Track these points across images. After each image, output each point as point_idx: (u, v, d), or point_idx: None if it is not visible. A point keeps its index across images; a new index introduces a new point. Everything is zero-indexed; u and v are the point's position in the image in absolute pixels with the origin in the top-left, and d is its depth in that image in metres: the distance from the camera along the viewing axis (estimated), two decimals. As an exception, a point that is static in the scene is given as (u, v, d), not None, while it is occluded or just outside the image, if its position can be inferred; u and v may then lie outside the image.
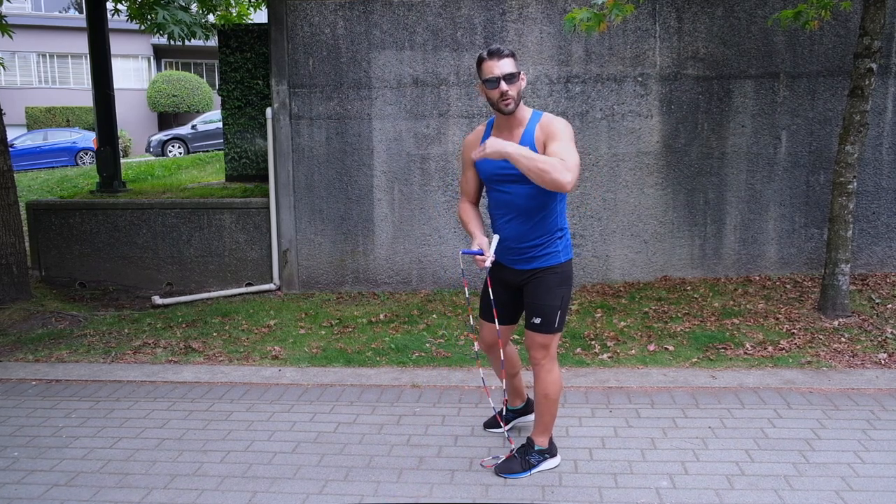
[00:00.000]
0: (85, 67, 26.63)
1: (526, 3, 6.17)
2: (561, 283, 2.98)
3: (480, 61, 2.88)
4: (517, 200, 2.92)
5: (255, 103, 7.93)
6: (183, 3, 5.78)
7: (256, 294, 6.56)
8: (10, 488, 3.10)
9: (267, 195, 6.71)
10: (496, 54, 2.84)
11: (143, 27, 6.11)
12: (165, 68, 27.50)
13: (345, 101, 6.35)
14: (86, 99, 25.57)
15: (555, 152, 2.72)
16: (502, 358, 3.23)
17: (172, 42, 5.34)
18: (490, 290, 3.13)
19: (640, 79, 6.20)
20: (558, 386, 3.05)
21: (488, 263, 2.82)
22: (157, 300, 6.37)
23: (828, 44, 6.12)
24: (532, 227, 2.94)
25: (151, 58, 27.22)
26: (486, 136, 3.01)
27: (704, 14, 6.13)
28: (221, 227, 6.74)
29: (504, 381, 3.44)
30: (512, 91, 2.83)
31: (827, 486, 2.94)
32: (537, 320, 2.98)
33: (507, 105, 2.85)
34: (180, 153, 19.32)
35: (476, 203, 3.17)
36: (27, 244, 6.65)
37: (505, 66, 2.82)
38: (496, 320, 3.13)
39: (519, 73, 2.86)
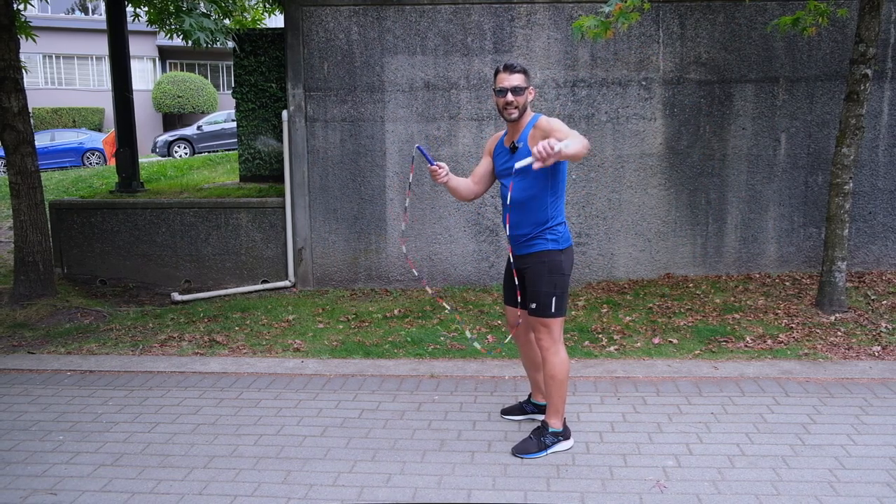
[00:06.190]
0: (90, 68, 26.87)
1: (534, 10, 6.39)
2: (552, 270, 3.26)
3: (497, 72, 3.29)
4: (513, 192, 3.28)
5: (269, 106, 8.15)
6: (204, 10, 6.00)
7: (272, 291, 6.79)
8: (60, 468, 3.32)
9: (282, 195, 6.93)
10: (509, 69, 3.24)
11: (165, 32, 6.33)
12: (170, 69, 27.70)
13: (358, 104, 6.57)
14: (91, 100, 25.81)
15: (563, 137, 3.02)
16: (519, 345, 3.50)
17: (197, 47, 5.56)
18: (515, 276, 3.40)
19: (644, 83, 6.42)
20: (564, 368, 3.29)
21: (438, 169, 3.27)
22: (177, 296, 6.59)
23: (825, 49, 6.34)
24: (525, 217, 3.29)
25: (156, 59, 27.43)
26: (504, 137, 3.42)
27: (706, 20, 6.35)
28: (238, 226, 6.96)
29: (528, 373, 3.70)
30: (517, 101, 3.21)
31: (821, 465, 3.16)
32: (533, 305, 3.29)
33: (510, 114, 3.25)
34: (186, 154, 19.52)
35: (474, 183, 3.50)
36: (50, 242, 6.86)
37: (514, 79, 3.22)
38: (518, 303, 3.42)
39: (527, 88, 3.23)
